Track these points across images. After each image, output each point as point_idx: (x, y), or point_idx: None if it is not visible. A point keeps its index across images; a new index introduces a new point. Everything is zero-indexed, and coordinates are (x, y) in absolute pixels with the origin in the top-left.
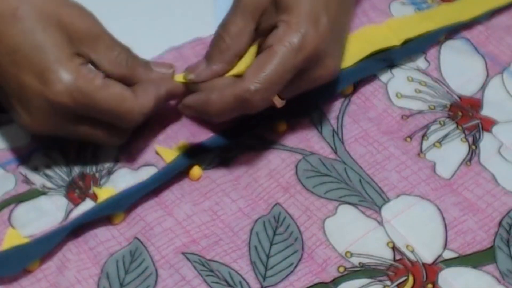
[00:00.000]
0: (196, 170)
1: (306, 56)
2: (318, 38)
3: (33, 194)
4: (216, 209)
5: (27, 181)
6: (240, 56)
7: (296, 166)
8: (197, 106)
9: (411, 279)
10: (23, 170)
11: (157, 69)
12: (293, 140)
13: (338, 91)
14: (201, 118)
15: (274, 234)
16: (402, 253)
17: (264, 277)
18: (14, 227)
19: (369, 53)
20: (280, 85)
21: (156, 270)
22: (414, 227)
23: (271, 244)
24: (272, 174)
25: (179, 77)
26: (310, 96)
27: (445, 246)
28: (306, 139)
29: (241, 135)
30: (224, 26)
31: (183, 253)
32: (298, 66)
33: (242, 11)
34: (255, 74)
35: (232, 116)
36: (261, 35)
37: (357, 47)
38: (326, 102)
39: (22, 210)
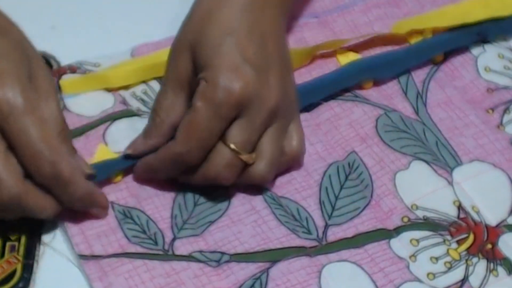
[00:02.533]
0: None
1: (232, 106)
2: (242, 86)
3: (128, 113)
4: None
5: (124, 102)
6: (175, 126)
7: (377, 120)
8: (142, 170)
9: (471, 237)
10: (122, 92)
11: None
12: (377, 97)
13: (428, 57)
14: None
15: (346, 179)
16: (467, 213)
17: (330, 216)
18: (106, 142)
19: (464, 24)
20: (211, 138)
21: (229, 197)
22: (483, 191)
23: (342, 187)
24: (353, 124)
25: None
26: (401, 62)
27: (511, 212)
28: (390, 97)
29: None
30: (156, 101)
31: (257, 187)
32: (225, 117)
33: (170, 84)
34: (184, 136)
35: (179, 171)
36: None
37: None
38: (415, 67)
39: (116, 128)
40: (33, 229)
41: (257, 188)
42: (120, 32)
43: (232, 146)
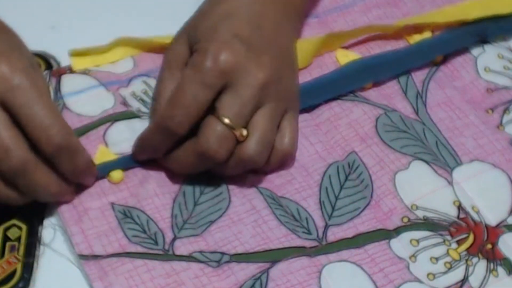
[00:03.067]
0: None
1: (217, 73)
2: (229, 56)
3: (128, 115)
4: None
5: (125, 103)
6: None
7: (377, 120)
8: (137, 147)
9: (471, 237)
10: (122, 92)
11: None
12: (377, 96)
13: (428, 60)
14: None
15: (346, 179)
16: (466, 213)
17: (330, 216)
18: (107, 143)
19: (462, 24)
20: (196, 106)
21: (229, 197)
22: (482, 191)
23: (341, 188)
24: (352, 124)
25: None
26: (401, 62)
27: (510, 212)
28: (390, 97)
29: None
30: (155, 89)
31: (257, 187)
32: (210, 85)
33: (167, 67)
34: (170, 101)
35: (168, 144)
36: None
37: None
38: (415, 67)
39: (116, 129)
40: (33, 229)
41: (257, 187)
42: (120, 32)
43: (224, 119)
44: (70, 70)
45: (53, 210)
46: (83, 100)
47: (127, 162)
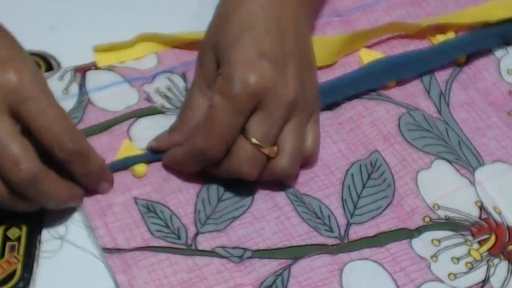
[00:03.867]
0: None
1: (248, 98)
2: (257, 79)
3: (152, 111)
4: None
5: (149, 99)
6: None
7: (399, 118)
8: (169, 162)
9: (493, 238)
10: (146, 89)
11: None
12: (400, 95)
13: (451, 59)
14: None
15: (369, 178)
16: (488, 213)
17: (352, 215)
18: (131, 138)
19: (486, 25)
20: (231, 132)
21: (253, 194)
22: (505, 192)
23: (364, 186)
24: (375, 123)
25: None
26: (423, 62)
27: None
28: (413, 96)
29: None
30: (185, 101)
31: (280, 184)
32: (243, 110)
33: (197, 84)
34: (204, 131)
35: (203, 166)
36: None
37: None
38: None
39: (141, 125)
40: (33, 229)
41: (280, 185)
42: (120, 32)
43: (254, 140)
44: (95, 66)
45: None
46: (108, 95)
47: (152, 159)
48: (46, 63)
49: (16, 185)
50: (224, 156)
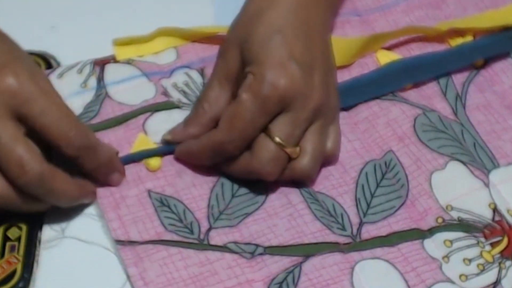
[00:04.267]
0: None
1: (276, 101)
2: (287, 83)
3: (169, 105)
4: None
5: (166, 93)
6: (217, 120)
7: (415, 119)
8: (182, 154)
9: (505, 240)
10: (164, 83)
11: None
12: (416, 96)
13: (468, 63)
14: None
15: (383, 177)
16: (502, 215)
17: (365, 214)
18: (146, 132)
19: (504, 29)
20: (253, 130)
21: (267, 191)
22: None
23: (378, 186)
24: (390, 123)
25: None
26: (441, 64)
27: None
28: (429, 97)
29: None
30: (203, 93)
31: (294, 183)
32: (269, 111)
33: (217, 77)
34: (227, 125)
35: (217, 160)
36: None
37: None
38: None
39: (156, 119)
40: (33, 229)
41: (294, 182)
42: (120, 32)
43: (277, 139)
44: (114, 59)
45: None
46: (125, 89)
47: (165, 152)
48: (46, 63)
49: (24, 187)
50: (240, 153)
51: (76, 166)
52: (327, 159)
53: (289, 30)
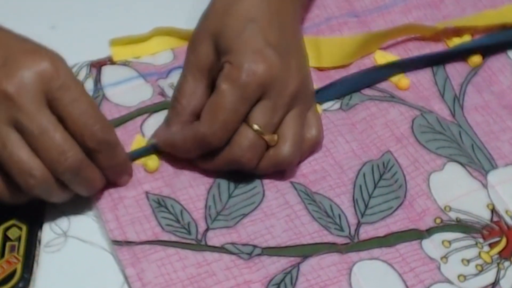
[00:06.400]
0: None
1: (256, 87)
2: (265, 68)
3: (166, 106)
4: (329, 147)
5: (162, 93)
6: (196, 113)
7: (413, 121)
8: (166, 146)
9: (504, 241)
10: (161, 83)
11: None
12: (414, 98)
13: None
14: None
15: (380, 178)
16: (500, 216)
17: (363, 214)
18: (144, 134)
19: (503, 28)
20: (235, 120)
21: (263, 191)
22: None
23: (375, 186)
24: (388, 124)
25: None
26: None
27: None
28: (427, 99)
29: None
30: (177, 88)
31: (291, 182)
32: (250, 98)
33: (190, 71)
34: (209, 117)
35: (201, 152)
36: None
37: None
38: (453, 68)
39: (154, 120)
40: (33, 229)
41: (291, 182)
42: (120, 32)
43: (256, 127)
44: (110, 61)
45: (55, 208)
46: (122, 91)
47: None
48: None
49: (62, 174)
50: (224, 144)
51: (93, 160)
52: (313, 147)
53: (262, 18)
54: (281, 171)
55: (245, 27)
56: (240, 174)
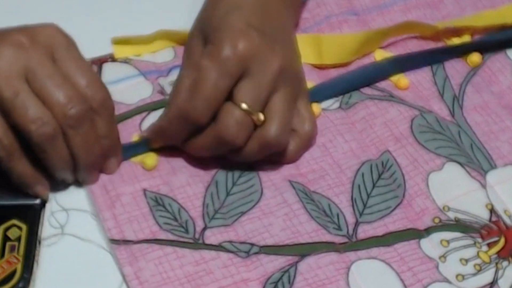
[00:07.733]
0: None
1: (236, 62)
2: (246, 44)
3: (164, 104)
4: (328, 146)
5: (162, 92)
6: None
7: (412, 120)
8: (154, 134)
9: (502, 240)
10: (161, 81)
11: None
12: (414, 97)
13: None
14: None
15: (379, 177)
16: (498, 216)
17: (361, 214)
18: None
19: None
20: (217, 95)
21: (262, 189)
22: None
23: (374, 186)
24: (388, 124)
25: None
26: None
27: None
28: (426, 99)
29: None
30: (176, 86)
31: (290, 181)
32: (230, 73)
33: (185, 68)
34: (190, 93)
35: (188, 132)
36: None
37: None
38: (452, 68)
39: (153, 119)
40: (33, 229)
41: (289, 181)
42: (122, 30)
43: (244, 105)
44: (111, 58)
45: (54, 207)
46: (123, 88)
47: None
48: None
49: (68, 120)
50: (209, 122)
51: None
52: (307, 141)
53: (247, 6)
54: (279, 168)
55: (228, 12)
56: (239, 171)
